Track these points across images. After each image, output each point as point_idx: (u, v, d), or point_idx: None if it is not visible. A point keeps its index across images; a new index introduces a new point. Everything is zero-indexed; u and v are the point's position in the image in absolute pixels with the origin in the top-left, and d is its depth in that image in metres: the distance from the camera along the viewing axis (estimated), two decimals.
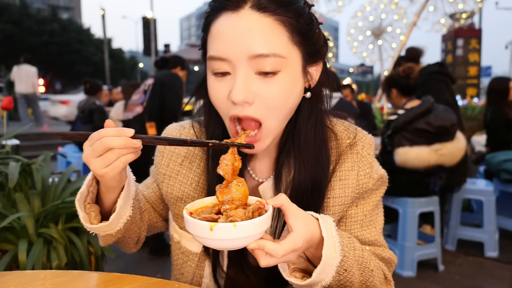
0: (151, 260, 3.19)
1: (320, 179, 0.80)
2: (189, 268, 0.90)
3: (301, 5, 0.73)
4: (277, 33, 0.69)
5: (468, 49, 10.51)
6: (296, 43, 0.71)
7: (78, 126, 4.96)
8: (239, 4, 0.69)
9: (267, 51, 0.67)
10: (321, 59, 0.79)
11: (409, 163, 2.62)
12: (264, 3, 0.68)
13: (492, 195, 3.23)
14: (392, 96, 2.95)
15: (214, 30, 0.71)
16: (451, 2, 9.74)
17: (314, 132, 0.80)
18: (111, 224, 0.76)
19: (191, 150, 0.90)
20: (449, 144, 2.64)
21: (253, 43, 0.67)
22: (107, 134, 0.63)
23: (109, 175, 0.66)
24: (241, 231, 0.59)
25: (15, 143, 2.22)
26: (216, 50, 0.70)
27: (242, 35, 0.67)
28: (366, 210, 0.84)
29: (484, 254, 3.26)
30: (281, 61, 0.69)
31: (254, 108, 0.71)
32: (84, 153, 0.66)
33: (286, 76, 0.71)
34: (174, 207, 0.91)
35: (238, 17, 0.68)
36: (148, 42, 14.92)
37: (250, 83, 0.69)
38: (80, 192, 0.76)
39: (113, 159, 0.64)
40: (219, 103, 0.74)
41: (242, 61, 0.68)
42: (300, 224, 0.64)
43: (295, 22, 0.70)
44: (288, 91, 0.72)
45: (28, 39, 26.42)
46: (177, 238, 0.93)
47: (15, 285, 0.73)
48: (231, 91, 0.69)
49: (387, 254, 0.85)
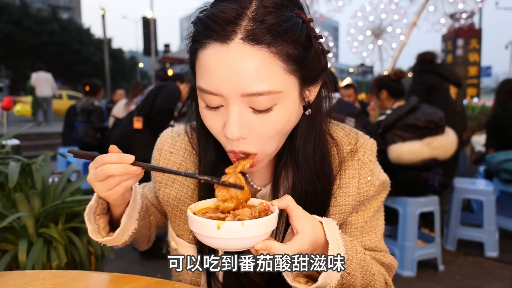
0: (151, 260, 3.19)
1: (321, 193, 0.78)
2: (186, 276, 0.90)
3: (298, 30, 0.64)
4: (271, 66, 0.62)
5: (468, 49, 10.51)
6: (292, 72, 0.64)
7: (77, 124, 4.96)
8: (229, 36, 0.61)
9: (261, 90, 0.61)
10: (320, 80, 0.72)
11: (403, 158, 2.66)
12: (258, 35, 0.60)
13: (492, 195, 3.23)
14: (382, 97, 3.02)
15: (202, 60, 0.65)
16: (451, 2, 9.74)
17: (314, 149, 0.76)
18: (116, 238, 0.81)
19: (187, 158, 0.88)
20: (440, 137, 2.70)
21: (246, 82, 0.61)
22: (109, 161, 0.66)
23: (111, 198, 0.72)
24: (249, 230, 0.58)
25: (15, 143, 2.22)
26: (206, 84, 0.64)
27: (233, 72, 0.61)
28: (366, 217, 0.83)
29: (484, 254, 3.27)
30: (276, 96, 0.63)
31: (249, 142, 0.67)
32: (88, 175, 0.70)
33: (282, 109, 0.65)
34: (171, 214, 0.91)
35: (228, 51, 0.61)
36: (148, 42, 14.91)
37: (244, 118, 0.64)
38: (89, 206, 0.80)
39: (114, 185, 0.68)
40: (214, 134, 0.71)
41: (235, 97, 0.63)
42: (306, 226, 0.63)
43: (291, 50, 0.63)
44: (285, 121, 0.67)
45: (28, 39, 26.42)
46: (174, 245, 0.93)
47: (15, 285, 0.73)
48: (225, 127, 0.65)
49: (387, 259, 0.85)
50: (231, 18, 0.61)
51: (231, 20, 0.61)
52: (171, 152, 0.89)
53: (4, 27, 25.34)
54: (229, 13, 0.61)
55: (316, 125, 0.76)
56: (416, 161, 2.66)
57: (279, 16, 0.62)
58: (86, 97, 5.02)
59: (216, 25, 0.61)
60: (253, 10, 0.62)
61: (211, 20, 0.62)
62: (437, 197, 2.93)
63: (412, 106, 2.70)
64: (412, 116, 2.68)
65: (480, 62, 10.62)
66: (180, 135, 0.91)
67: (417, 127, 2.66)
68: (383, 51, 12.82)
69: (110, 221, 0.86)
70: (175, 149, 0.89)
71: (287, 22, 0.63)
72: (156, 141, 0.93)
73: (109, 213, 0.85)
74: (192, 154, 0.88)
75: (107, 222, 0.84)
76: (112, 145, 0.69)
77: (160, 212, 1.01)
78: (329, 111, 0.79)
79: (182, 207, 0.88)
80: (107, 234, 0.83)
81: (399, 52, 10.48)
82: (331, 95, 0.78)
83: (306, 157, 0.76)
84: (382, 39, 12.64)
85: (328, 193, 0.79)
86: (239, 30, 0.61)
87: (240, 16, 0.61)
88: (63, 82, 30.48)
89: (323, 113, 0.78)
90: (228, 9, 0.62)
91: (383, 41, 12.68)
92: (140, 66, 42.02)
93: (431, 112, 2.69)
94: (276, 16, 0.62)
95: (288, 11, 0.65)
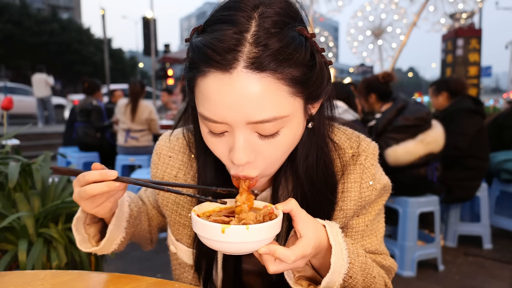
0: (151, 260, 3.19)
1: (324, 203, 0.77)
2: (186, 280, 0.91)
3: (303, 51, 0.60)
4: (277, 92, 0.59)
5: (468, 49, 10.50)
6: (297, 94, 0.62)
7: (77, 125, 4.96)
8: (230, 65, 0.57)
9: (267, 117, 0.59)
10: (324, 95, 0.70)
11: (401, 160, 2.68)
12: (262, 62, 0.57)
13: (486, 191, 3.34)
14: (371, 100, 3.04)
15: (203, 88, 0.61)
16: (451, 2, 9.74)
17: (316, 161, 0.75)
18: (103, 248, 0.82)
19: (186, 162, 0.87)
20: (430, 131, 2.73)
21: (251, 110, 0.58)
22: (91, 179, 0.67)
23: (99, 214, 0.72)
24: (253, 234, 0.58)
25: (15, 143, 2.22)
26: (210, 113, 0.61)
27: (238, 100, 0.58)
28: (368, 220, 0.82)
29: (482, 246, 3.38)
30: (282, 120, 0.61)
31: (255, 166, 0.66)
32: (73, 193, 0.70)
33: (288, 131, 0.64)
34: (170, 219, 0.90)
35: (231, 80, 0.57)
36: (148, 42, 14.88)
37: (251, 143, 0.63)
38: (76, 218, 0.80)
39: (102, 201, 0.69)
40: (220, 158, 0.69)
41: (240, 124, 0.60)
42: (310, 230, 0.63)
43: (296, 73, 0.60)
44: (291, 143, 0.66)
45: (28, 39, 26.40)
46: (173, 249, 0.93)
47: (15, 285, 0.73)
48: (232, 152, 0.63)
49: (387, 262, 0.85)
50: (232, 46, 0.57)
51: (231, 48, 0.57)
52: (170, 156, 0.88)
53: (4, 27, 25.32)
54: (228, 40, 0.57)
55: (318, 137, 0.74)
56: (414, 160, 2.68)
57: (283, 39, 0.58)
58: (85, 96, 5.02)
59: (216, 54, 0.57)
60: (253, 33, 0.58)
61: (209, 49, 0.58)
62: (437, 197, 2.93)
63: (399, 108, 2.74)
64: (401, 117, 2.72)
65: (480, 62, 10.61)
66: (178, 138, 0.90)
67: (408, 127, 2.69)
68: (383, 51, 12.81)
69: (102, 229, 0.86)
70: (174, 153, 0.88)
71: (291, 45, 0.59)
72: (155, 145, 0.93)
73: (101, 221, 0.85)
74: (191, 159, 0.87)
75: (98, 230, 0.85)
76: (95, 163, 0.69)
77: (162, 215, 1.01)
78: (331, 119, 0.78)
79: (181, 212, 0.88)
80: (97, 243, 0.84)
81: (399, 52, 10.47)
82: (333, 104, 0.77)
83: (307, 169, 0.74)
84: (382, 39, 12.63)
85: (331, 202, 0.78)
86: (241, 57, 0.57)
87: (240, 42, 0.57)
88: (63, 82, 30.50)
89: (326, 124, 0.76)
90: (227, 36, 0.57)
91: (383, 41, 12.67)
92: (140, 66, 41.98)
93: (417, 109, 2.72)
94: (280, 39, 0.58)
95: (290, 29, 0.61)
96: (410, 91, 55.82)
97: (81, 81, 5.12)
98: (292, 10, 0.64)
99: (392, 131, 2.73)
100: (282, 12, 0.61)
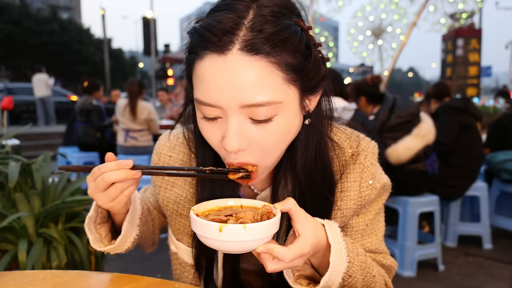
0: (151, 260, 3.19)
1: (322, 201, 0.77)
2: (186, 279, 0.91)
3: (297, 38, 0.62)
4: (271, 76, 0.60)
5: (468, 49, 10.51)
6: (292, 81, 0.63)
7: (77, 125, 4.96)
8: (226, 47, 0.59)
9: (260, 100, 0.60)
10: (321, 88, 0.71)
11: (402, 157, 2.71)
12: (256, 45, 0.59)
13: (486, 191, 3.36)
14: (360, 103, 3.06)
15: (199, 71, 0.63)
16: (451, 2, 9.73)
17: (314, 159, 0.75)
18: (118, 245, 0.82)
19: (186, 161, 0.88)
20: (422, 124, 2.78)
21: (245, 93, 0.60)
22: (108, 169, 0.65)
23: (115, 208, 0.71)
24: (250, 233, 0.58)
25: (15, 143, 2.22)
26: (204, 96, 0.63)
27: (231, 83, 0.59)
28: (367, 220, 0.82)
29: (482, 246, 3.38)
30: (276, 106, 0.62)
31: (249, 153, 0.66)
32: (88, 188, 0.69)
33: (282, 119, 0.64)
34: (170, 218, 0.91)
35: (226, 62, 0.59)
36: (148, 42, 14.90)
37: (244, 130, 0.63)
38: (89, 217, 0.80)
39: (117, 194, 0.68)
40: (213, 145, 0.70)
41: (233, 108, 0.61)
42: (308, 229, 0.63)
43: (290, 60, 0.62)
44: (285, 132, 0.66)
45: (28, 39, 26.39)
46: (174, 249, 0.93)
47: (15, 285, 0.73)
48: (224, 139, 0.64)
49: (388, 261, 0.85)
50: (228, 28, 0.59)
51: (228, 30, 0.59)
52: (170, 156, 0.89)
53: (4, 27, 25.31)
54: (226, 23, 0.59)
55: (316, 135, 0.74)
56: (414, 155, 2.72)
57: (277, 25, 0.61)
58: (84, 96, 5.01)
59: (213, 35, 0.60)
60: (250, 19, 0.60)
61: (207, 30, 0.60)
62: (437, 197, 2.93)
63: (390, 107, 2.78)
64: (393, 116, 2.75)
65: (480, 62, 10.63)
66: (179, 138, 0.90)
67: (403, 123, 2.73)
68: (383, 51, 12.80)
69: (112, 228, 0.86)
70: (174, 153, 0.89)
71: (285, 30, 0.61)
72: (155, 145, 0.93)
73: (110, 220, 0.85)
74: (192, 158, 0.87)
75: (109, 230, 0.84)
76: (109, 153, 0.68)
77: (162, 215, 1.01)
78: (330, 118, 0.78)
79: (181, 211, 0.88)
80: (110, 242, 0.83)
81: (399, 52, 10.46)
82: (331, 103, 0.77)
83: (306, 168, 0.75)
84: (382, 39, 12.62)
85: (329, 201, 0.78)
86: (236, 40, 0.59)
87: (238, 26, 0.60)
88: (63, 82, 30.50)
89: (324, 122, 0.77)
90: (225, 19, 0.60)
91: (383, 41, 12.66)
92: (140, 66, 42.00)
93: (406, 105, 2.77)
94: (275, 25, 0.60)
95: (287, 19, 0.63)
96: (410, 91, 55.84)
97: (82, 80, 5.12)
98: (291, 4, 0.67)
99: (388, 130, 2.76)
100: (280, 5, 0.64)
